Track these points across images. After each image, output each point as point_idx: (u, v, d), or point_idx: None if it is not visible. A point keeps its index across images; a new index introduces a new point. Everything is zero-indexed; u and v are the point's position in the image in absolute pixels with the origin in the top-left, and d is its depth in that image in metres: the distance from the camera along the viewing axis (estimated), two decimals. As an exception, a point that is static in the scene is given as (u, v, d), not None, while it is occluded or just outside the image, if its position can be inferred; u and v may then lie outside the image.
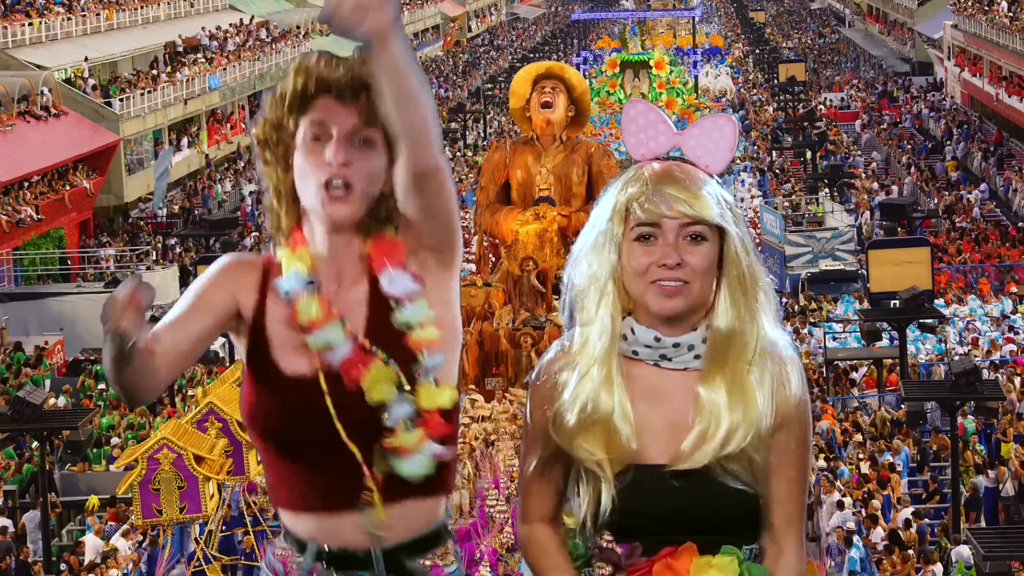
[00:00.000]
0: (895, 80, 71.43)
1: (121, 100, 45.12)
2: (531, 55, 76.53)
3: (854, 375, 26.78)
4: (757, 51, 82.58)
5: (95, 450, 22.69)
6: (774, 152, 52.25)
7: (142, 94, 46.36)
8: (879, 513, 18.94)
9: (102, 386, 25.84)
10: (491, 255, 17.87)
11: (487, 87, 70.27)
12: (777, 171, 48.84)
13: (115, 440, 23.34)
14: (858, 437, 22.35)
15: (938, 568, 16.99)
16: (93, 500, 20.41)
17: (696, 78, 65.82)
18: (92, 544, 18.55)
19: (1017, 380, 24.10)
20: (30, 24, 45.28)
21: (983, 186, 45.51)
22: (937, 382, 23.13)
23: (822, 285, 33.70)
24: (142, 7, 52.92)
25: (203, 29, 55.24)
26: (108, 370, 3.09)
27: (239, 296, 3.25)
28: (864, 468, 20.83)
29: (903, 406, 22.22)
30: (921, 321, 25.09)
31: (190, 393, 23.78)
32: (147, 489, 14.61)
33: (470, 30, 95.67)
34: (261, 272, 3.27)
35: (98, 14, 49.64)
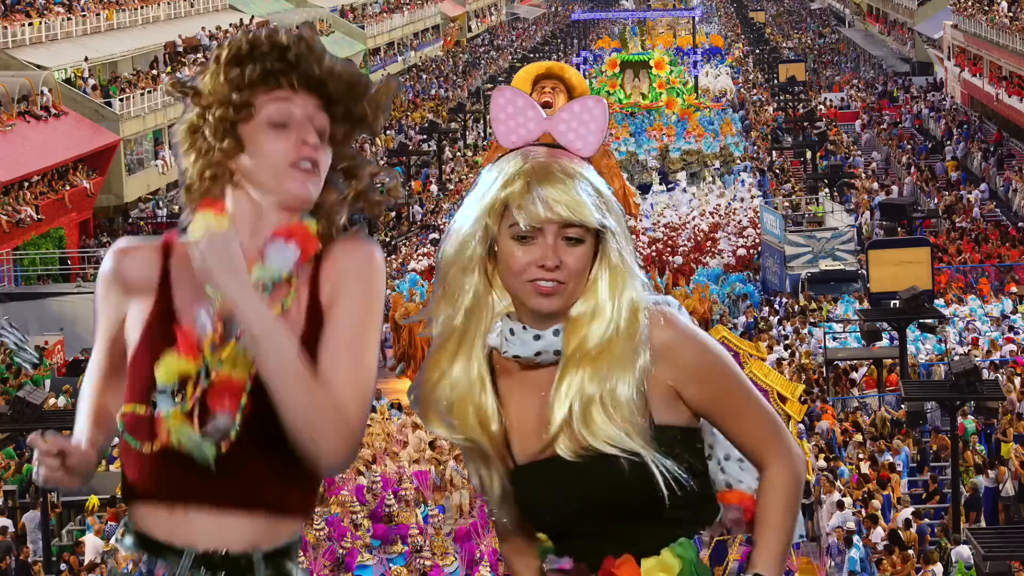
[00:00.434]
0: (895, 80, 71.45)
1: (121, 100, 45.14)
2: (531, 55, 76.54)
3: (854, 375, 26.78)
4: (757, 51, 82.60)
5: (95, 450, 22.68)
6: (774, 152, 52.26)
7: (142, 94, 46.38)
8: (879, 513, 18.94)
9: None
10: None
11: (487, 87, 70.29)
12: (777, 171, 48.85)
13: (115, 440, 23.34)
14: (858, 437, 22.36)
15: (938, 568, 17.00)
16: (93, 500, 20.41)
17: (696, 78, 65.87)
18: (92, 544, 18.56)
19: (1017, 380, 24.10)
20: (30, 24, 45.29)
21: (983, 186, 45.54)
22: (937, 382, 23.13)
23: (822, 285, 33.69)
24: (142, 7, 52.93)
25: (203, 29, 55.26)
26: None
27: (133, 285, 3.08)
28: (864, 468, 20.83)
29: (903, 406, 22.22)
30: (921, 321, 25.09)
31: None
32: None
33: (470, 30, 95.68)
34: (161, 249, 3.12)
35: (98, 14, 49.66)
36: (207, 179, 3.12)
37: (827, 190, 43.10)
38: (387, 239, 40.81)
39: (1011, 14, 53.63)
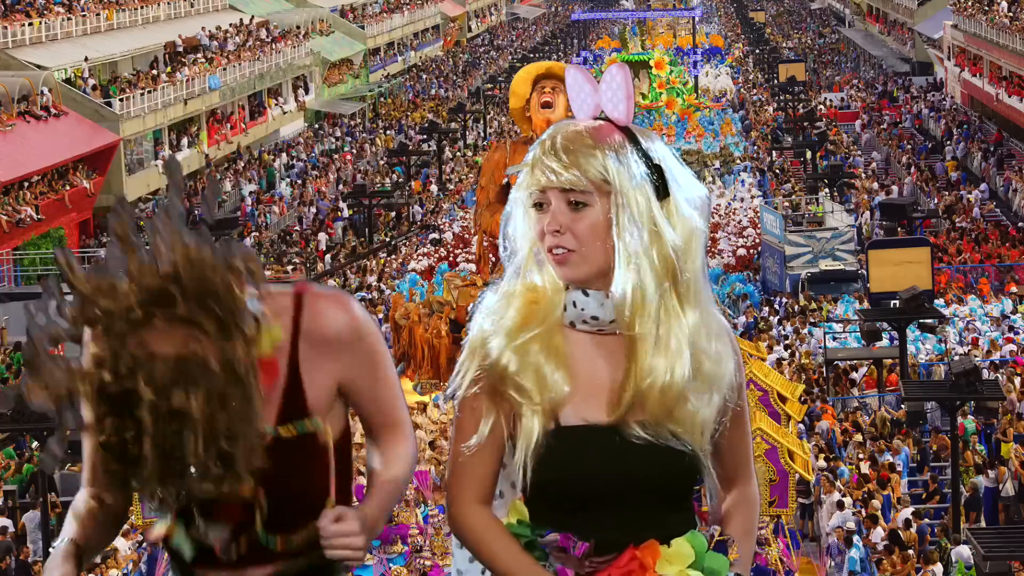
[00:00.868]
0: (895, 80, 71.43)
1: (121, 100, 45.13)
2: (531, 55, 76.55)
3: (854, 375, 26.78)
4: (757, 51, 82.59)
5: (95, 450, 22.69)
6: (774, 152, 52.24)
7: (142, 94, 46.37)
8: (879, 513, 18.94)
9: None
10: (491, 255, 17.84)
11: (487, 87, 70.27)
12: (777, 171, 48.84)
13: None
14: (858, 437, 22.35)
15: (938, 568, 17.00)
16: (93, 500, 20.40)
17: (696, 78, 65.86)
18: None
19: (1017, 380, 24.10)
20: (30, 24, 45.29)
21: (983, 186, 45.53)
22: (937, 382, 23.13)
23: (822, 285, 33.68)
24: (142, 7, 52.92)
25: (203, 29, 55.25)
26: None
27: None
28: (864, 468, 20.83)
29: (903, 406, 22.22)
30: (921, 321, 25.09)
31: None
32: (147, 489, 14.57)
33: (470, 30, 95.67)
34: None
35: (98, 14, 49.64)
36: None
37: (827, 190, 43.07)
38: (387, 239, 40.80)
39: (1011, 14, 53.62)
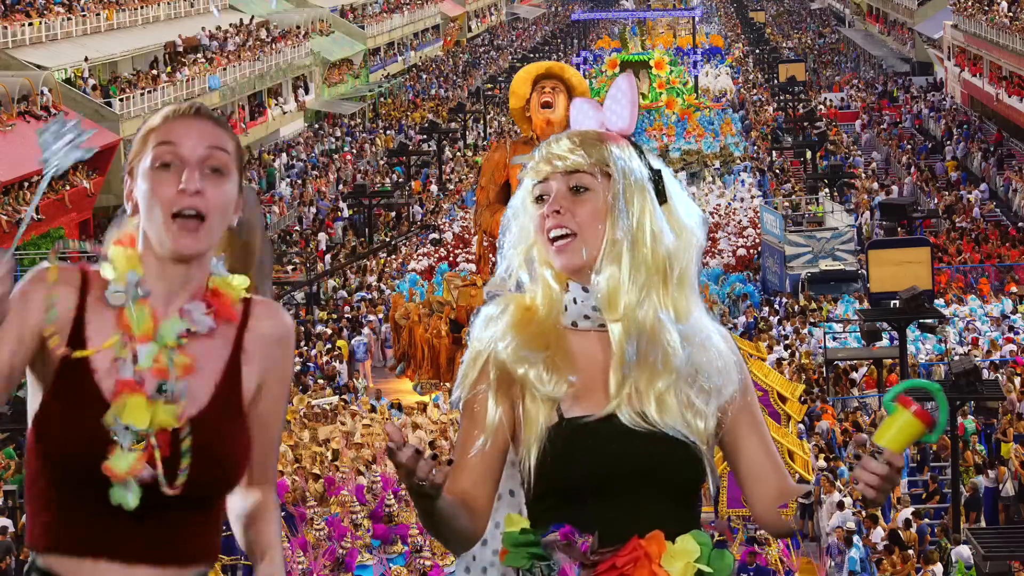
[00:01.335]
0: (895, 80, 71.44)
1: (121, 100, 45.14)
2: (531, 55, 76.56)
3: (854, 375, 26.78)
4: (757, 51, 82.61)
5: (95, 450, 22.67)
6: (774, 152, 52.26)
7: (142, 94, 46.38)
8: (879, 513, 18.94)
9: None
10: (491, 255, 17.84)
11: (487, 87, 70.30)
12: (777, 171, 48.85)
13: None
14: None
15: (938, 568, 17.00)
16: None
17: (696, 78, 65.93)
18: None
19: (1017, 380, 24.10)
20: (30, 24, 45.29)
21: (983, 186, 45.55)
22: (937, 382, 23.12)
23: (822, 285, 33.70)
24: (142, 7, 52.93)
25: (203, 29, 55.26)
26: None
27: (53, 308, 2.99)
28: (864, 468, 20.80)
29: (903, 406, 22.19)
30: (921, 321, 25.09)
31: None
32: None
33: (470, 30, 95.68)
34: (80, 281, 3.01)
35: (98, 14, 49.65)
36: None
37: (827, 190, 43.09)
38: (387, 239, 40.80)
39: (1011, 14, 53.62)
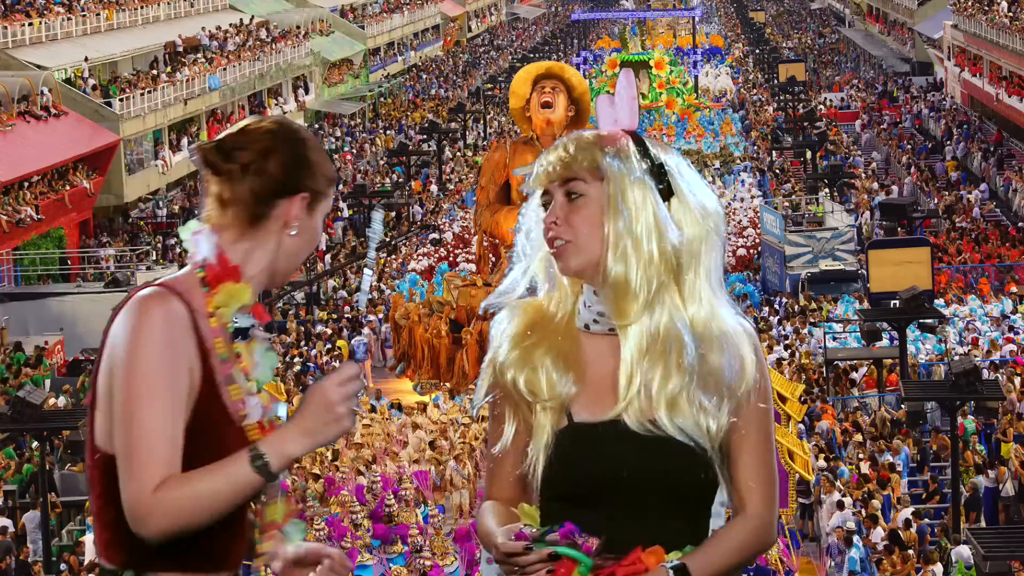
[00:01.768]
0: (895, 80, 71.43)
1: (121, 100, 45.12)
2: (531, 55, 76.53)
3: (854, 375, 26.78)
4: (757, 51, 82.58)
5: (95, 450, 22.66)
6: (774, 152, 52.24)
7: (142, 94, 46.36)
8: (879, 513, 18.94)
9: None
10: (491, 255, 17.86)
11: (487, 87, 70.28)
12: (777, 171, 48.84)
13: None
14: (858, 437, 22.35)
15: (938, 568, 17.00)
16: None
17: (696, 78, 65.92)
18: (92, 544, 18.56)
19: (1017, 380, 24.10)
20: (30, 24, 45.28)
21: (983, 186, 45.54)
22: (937, 382, 23.13)
23: (822, 285, 33.69)
24: (142, 7, 52.92)
25: (203, 29, 55.25)
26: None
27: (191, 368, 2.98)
28: (864, 468, 20.83)
29: (903, 406, 22.22)
30: (921, 321, 25.09)
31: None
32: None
33: (470, 30, 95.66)
34: (191, 322, 3.00)
35: (98, 14, 49.64)
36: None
37: (827, 190, 43.09)
38: (387, 239, 40.79)
39: (1011, 14, 53.60)
